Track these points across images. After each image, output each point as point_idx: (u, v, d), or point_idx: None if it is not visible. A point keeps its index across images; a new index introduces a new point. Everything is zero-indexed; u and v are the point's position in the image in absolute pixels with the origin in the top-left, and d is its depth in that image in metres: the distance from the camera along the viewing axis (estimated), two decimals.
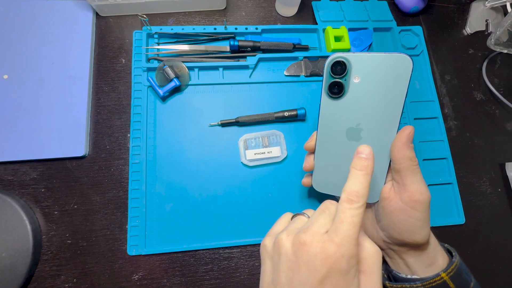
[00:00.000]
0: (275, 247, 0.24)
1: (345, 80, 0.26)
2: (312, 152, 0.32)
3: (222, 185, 0.40)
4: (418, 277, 0.29)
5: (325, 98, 0.27)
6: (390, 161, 0.28)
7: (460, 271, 0.29)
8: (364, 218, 0.32)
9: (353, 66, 0.25)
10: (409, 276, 0.30)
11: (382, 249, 0.32)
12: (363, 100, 0.26)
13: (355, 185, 0.24)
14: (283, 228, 0.25)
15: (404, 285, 0.29)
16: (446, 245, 0.32)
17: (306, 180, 0.35)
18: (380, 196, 0.30)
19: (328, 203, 0.25)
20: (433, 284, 0.28)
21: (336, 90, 0.26)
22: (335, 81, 0.26)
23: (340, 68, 0.25)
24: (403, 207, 0.27)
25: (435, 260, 0.29)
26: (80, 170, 0.39)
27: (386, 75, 0.25)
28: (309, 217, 0.26)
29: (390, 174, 0.30)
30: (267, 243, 0.25)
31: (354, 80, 0.26)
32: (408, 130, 0.27)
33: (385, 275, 0.33)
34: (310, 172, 0.33)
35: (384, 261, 0.34)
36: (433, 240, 0.30)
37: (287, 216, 0.28)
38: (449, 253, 0.31)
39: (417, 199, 0.27)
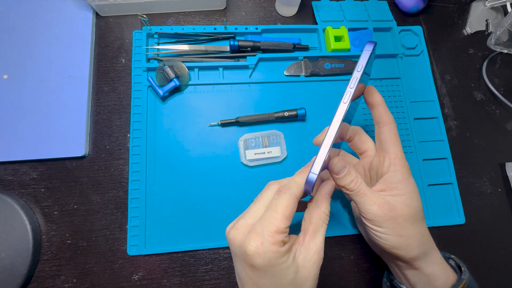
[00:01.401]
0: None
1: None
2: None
3: (222, 185, 0.40)
4: None
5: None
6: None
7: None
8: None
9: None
10: None
11: (387, 261, 0.33)
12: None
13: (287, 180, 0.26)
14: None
15: None
16: (454, 257, 0.31)
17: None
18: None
19: (262, 191, 0.26)
20: None
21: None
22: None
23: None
24: (367, 224, 0.28)
25: (434, 280, 0.28)
26: (80, 170, 0.39)
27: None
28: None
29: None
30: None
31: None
32: (334, 161, 0.27)
33: (388, 283, 0.33)
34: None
35: (388, 270, 0.34)
36: (433, 259, 0.29)
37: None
38: (458, 268, 0.30)
39: (368, 217, 0.27)
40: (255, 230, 0.23)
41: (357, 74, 0.26)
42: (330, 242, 0.39)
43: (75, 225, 0.38)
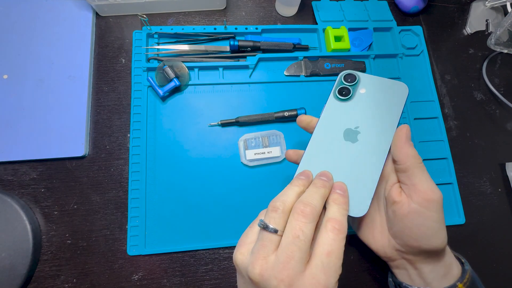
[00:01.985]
0: (243, 270, 0.23)
1: (353, 87, 0.29)
2: (293, 160, 0.32)
3: (222, 185, 0.40)
4: None
5: (332, 99, 0.30)
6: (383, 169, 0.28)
7: (474, 279, 0.28)
8: (371, 227, 0.30)
9: (361, 80, 0.30)
10: None
11: (392, 259, 0.30)
12: (365, 108, 0.29)
13: (338, 215, 0.23)
14: (253, 241, 0.24)
15: None
16: (453, 252, 0.30)
17: (291, 152, 0.32)
18: (390, 200, 0.28)
19: (297, 222, 0.22)
20: None
21: (344, 93, 0.29)
22: (345, 86, 0.29)
23: (351, 79, 0.30)
24: (417, 209, 0.25)
25: (450, 269, 0.28)
26: (80, 170, 0.39)
27: (387, 94, 0.29)
28: (276, 231, 0.23)
29: (396, 176, 0.28)
30: (237, 259, 0.24)
31: (361, 90, 0.29)
32: (404, 128, 0.27)
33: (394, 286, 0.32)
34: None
35: (391, 272, 0.32)
36: (448, 248, 0.29)
37: (256, 226, 0.26)
38: (459, 260, 0.30)
39: (430, 198, 0.25)
40: (319, 282, 0.21)
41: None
42: None
43: (75, 225, 0.38)
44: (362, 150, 0.27)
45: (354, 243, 0.40)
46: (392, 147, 0.27)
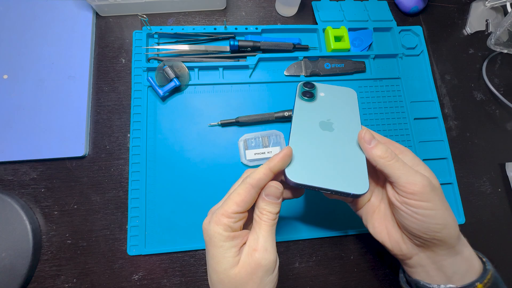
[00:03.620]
0: None
1: (313, 91, 0.33)
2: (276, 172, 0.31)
3: (222, 185, 0.40)
4: (453, 286, 0.27)
5: (298, 101, 0.32)
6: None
7: (496, 281, 0.27)
8: (385, 223, 0.30)
9: (318, 87, 0.34)
10: (442, 286, 0.27)
11: (408, 257, 0.29)
12: (329, 106, 0.32)
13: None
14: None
15: None
16: (474, 250, 0.29)
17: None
18: (387, 197, 0.28)
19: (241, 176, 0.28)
20: None
21: (308, 95, 0.33)
22: (307, 90, 0.33)
23: (309, 85, 0.34)
24: (407, 201, 0.26)
25: (472, 265, 0.27)
26: (80, 170, 0.39)
27: (342, 97, 0.33)
28: None
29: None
30: None
31: (320, 94, 0.33)
32: (362, 132, 0.28)
33: (408, 287, 0.31)
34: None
35: (404, 272, 0.32)
36: (465, 241, 0.28)
37: None
38: (480, 260, 0.29)
39: (411, 191, 0.25)
40: (211, 211, 0.27)
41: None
42: (330, 242, 0.39)
43: (75, 225, 0.38)
44: (341, 136, 0.30)
45: (354, 243, 0.40)
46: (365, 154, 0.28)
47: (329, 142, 0.29)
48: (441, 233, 0.26)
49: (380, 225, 0.30)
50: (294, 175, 0.26)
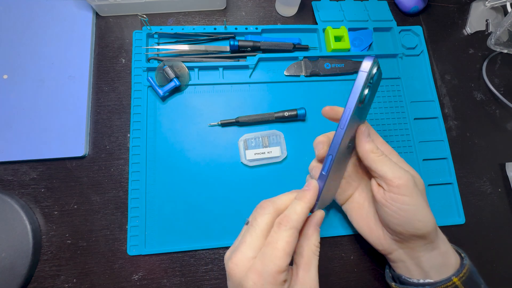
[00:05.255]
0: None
1: (375, 82, 0.27)
2: (329, 117, 0.30)
3: (222, 185, 0.40)
4: (431, 280, 0.28)
5: (357, 104, 0.26)
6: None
7: (472, 274, 0.28)
8: (367, 220, 0.33)
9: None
10: (421, 281, 0.29)
11: (389, 252, 0.31)
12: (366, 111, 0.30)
13: (289, 211, 0.24)
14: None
15: None
16: (453, 245, 0.31)
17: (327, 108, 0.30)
18: (373, 193, 0.30)
19: (255, 213, 0.25)
20: None
21: (368, 93, 0.26)
22: (373, 83, 0.26)
23: (377, 70, 0.27)
24: (391, 196, 0.27)
25: (448, 259, 0.29)
26: (80, 170, 0.39)
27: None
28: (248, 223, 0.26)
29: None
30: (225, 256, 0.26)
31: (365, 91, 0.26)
32: (363, 127, 0.29)
33: (392, 282, 0.32)
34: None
35: (390, 266, 0.34)
36: (443, 236, 0.30)
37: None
38: (459, 255, 0.30)
39: (397, 184, 0.27)
40: (256, 268, 0.22)
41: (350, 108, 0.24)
42: (330, 242, 0.39)
43: (75, 225, 0.38)
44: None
45: (354, 243, 0.40)
46: (356, 147, 0.29)
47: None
48: (421, 230, 0.27)
49: (363, 221, 0.33)
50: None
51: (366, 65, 0.25)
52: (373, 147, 0.28)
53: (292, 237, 0.23)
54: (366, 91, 0.25)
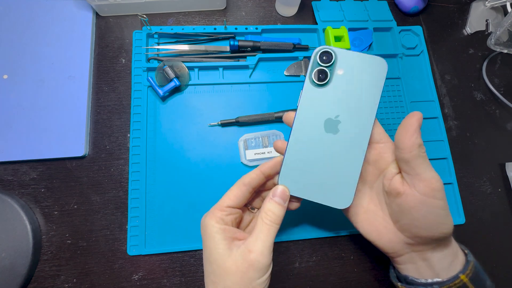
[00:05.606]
0: None
1: (330, 69, 0.27)
2: (280, 152, 0.30)
3: (222, 185, 0.40)
4: (439, 279, 0.27)
5: (308, 86, 0.28)
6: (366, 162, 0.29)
7: (477, 271, 0.28)
8: (375, 224, 0.30)
9: (338, 58, 0.27)
10: (429, 280, 0.28)
11: (399, 255, 0.29)
12: (344, 92, 0.27)
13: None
14: None
15: None
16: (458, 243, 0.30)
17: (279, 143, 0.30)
18: (393, 192, 0.27)
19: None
20: None
21: (322, 77, 0.27)
22: (321, 69, 0.27)
23: (327, 58, 0.27)
24: (423, 199, 0.25)
25: (456, 257, 0.28)
26: (80, 170, 0.39)
27: (366, 74, 0.27)
28: None
29: (394, 168, 0.28)
30: None
31: (338, 72, 0.27)
32: (416, 115, 0.25)
33: (398, 282, 0.31)
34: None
35: (393, 267, 0.32)
36: (452, 237, 0.29)
37: None
38: (462, 251, 0.30)
39: (435, 186, 0.25)
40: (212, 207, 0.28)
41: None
42: (330, 242, 0.39)
43: (75, 225, 0.38)
44: (344, 141, 0.27)
45: (354, 243, 0.40)
46: (399, 135, 0.26)
47: (328, 149, 0.27)
48: (446, 234, 0.27)
49: (370, 225, 0.30)
50: (286, 183, 0.28)
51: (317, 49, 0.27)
52: (421, 142, 0.25)
53: (236, 187, 0.28)
54: (318, 69, 0.27)
